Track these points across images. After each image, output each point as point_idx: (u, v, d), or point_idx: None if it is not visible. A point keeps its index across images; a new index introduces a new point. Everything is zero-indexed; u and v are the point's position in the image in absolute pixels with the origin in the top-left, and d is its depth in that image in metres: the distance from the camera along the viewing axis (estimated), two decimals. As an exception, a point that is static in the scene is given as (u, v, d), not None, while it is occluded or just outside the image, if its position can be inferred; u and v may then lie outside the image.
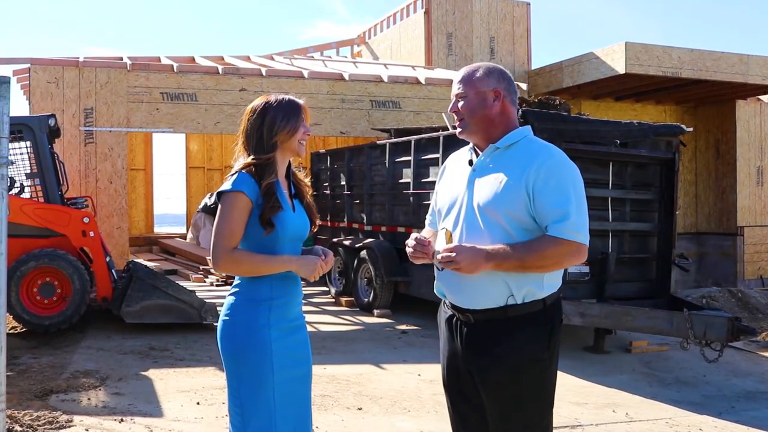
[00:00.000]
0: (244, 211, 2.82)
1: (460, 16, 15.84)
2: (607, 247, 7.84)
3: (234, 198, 2.82)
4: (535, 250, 2.63)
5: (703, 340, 6.71)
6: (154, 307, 8.32)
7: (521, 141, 2.81)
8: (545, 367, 2.76)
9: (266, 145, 2.87)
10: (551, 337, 2.75)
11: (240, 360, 2.88)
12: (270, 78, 12.04)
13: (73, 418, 5.27)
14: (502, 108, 2.83)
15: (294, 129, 2.91)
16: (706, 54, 13.74)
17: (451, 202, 2.87)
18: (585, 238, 2.68)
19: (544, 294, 2.73)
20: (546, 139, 7.34)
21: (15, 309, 8.04)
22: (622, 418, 5.71)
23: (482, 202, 2.72)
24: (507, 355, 2.71)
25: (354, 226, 11.29)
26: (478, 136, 2.85)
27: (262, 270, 2.85)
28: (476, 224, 2.73)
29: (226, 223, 2.81)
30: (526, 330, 2.71)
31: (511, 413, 2.76)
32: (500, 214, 2.67)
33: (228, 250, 2.81)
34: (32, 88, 10.80)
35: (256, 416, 2.86)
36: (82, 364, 6.98)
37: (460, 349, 2.82)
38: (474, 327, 2.77)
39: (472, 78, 2.83)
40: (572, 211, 2.64)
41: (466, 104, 2.83)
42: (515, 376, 2.72)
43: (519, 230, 2.68)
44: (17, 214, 8.16)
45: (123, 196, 11.26)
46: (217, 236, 2.82)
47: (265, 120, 2.88)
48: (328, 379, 6.58)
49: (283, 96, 2.96)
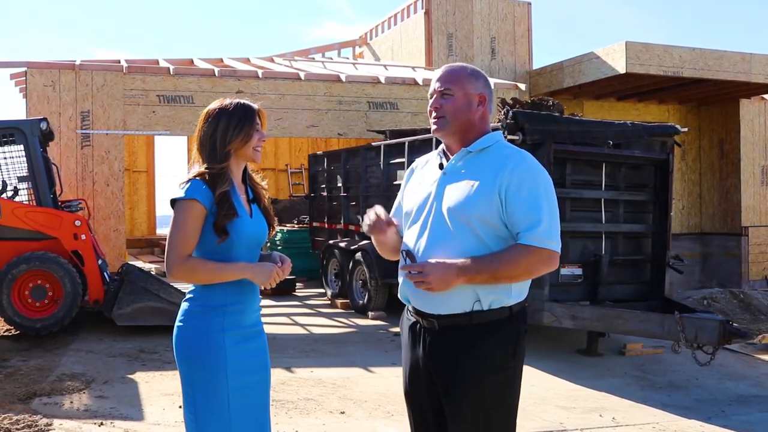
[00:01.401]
0: (197, 219, 2.78)
1: (460, 17, 15.77)
2: (600, 249, 7.77)
3: (187, 206, 2.78)
4: (506, 261, 2.58)
5: (694, 343, 6.63)
6: (146, 310, 8.31)
7: (493, 146, 2.75)
8: (510, 377, 2.71)
9: (219, 154, 2.82)
10: (516, 346, 2.69)
11: (194, 366, 2.85)
12: (266, 80, 12.01)
13: (53, 422, 5.26)
14: (484, 114, 2.78)
15: (248, 136, 2.85)
16: (707, 53, 13.62)
17: (419, 206, 2.80)
18: (557, 246, 2.64)
19: (511, 302, 2.68)
20: (537, 140, 7.39)
21: (6, 312, 8.06)
22: (608, 423, 5.64)
23: (453, 206, 2.66)
24: (471, 363, 2.65)
25: (350, 227, 11.25)
26: (455, 137, 2.78)
27: (216, 278, 2.81)
28: (445, 228, 2.67)
29: (180, 232, 2.78)
30: (491, 338, 2.65)
31: (474, 423, 2.69)
32: (472, 219, 2.62)
33: (182, 259, 2.77)
34: (29, 91, 10.81)
35: (211, 423, 2.82)
36: (69, 366, 6.97)
37: (422, 357, 2.76)
38: (438, 334, 2.71)
39: (460, 77, 2.76)
40: (544, 218, 2.60)
41: (452, 104, 2.74)
42: (479, 384, 2.66)
43: (490, 236, 2.63)
44: (9, 217, 8.20)
45: (120, 198, 11.25)
46: (170, 245, 2.78)
47: (218, 128, 2.82)
48: (314, 383, 6.54)
49: (237, 101, 2.90)
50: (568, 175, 7.62)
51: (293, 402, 5.93)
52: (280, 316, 10.05)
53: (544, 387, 6.61)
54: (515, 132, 7.17)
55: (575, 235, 7.70)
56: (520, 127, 7.19)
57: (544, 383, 6.75)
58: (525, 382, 6.69)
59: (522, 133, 7.17)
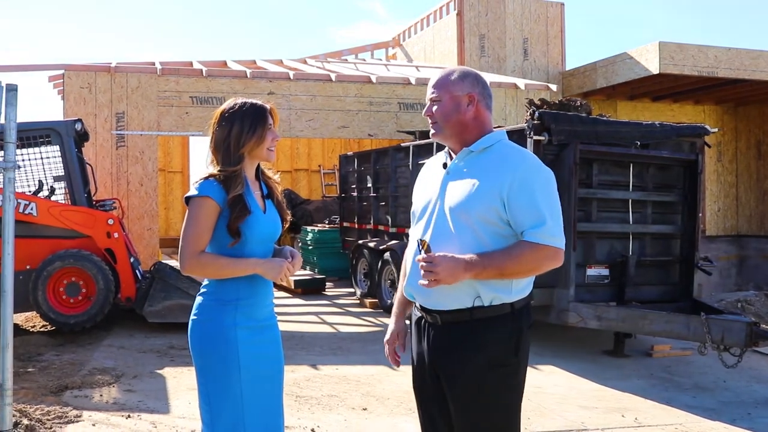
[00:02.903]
0: (211, 216, 2.86)
1: (493, 18, 15.77)
2: (627, 250, 7.73)
3: (201, 203, 2.86)
4: (512, 257, 2.62)
5: (721, 344, 6.57)
6: (176, 307, 8.46)
7: (495, 145, 2.79)
8: (512, 373, 2.72)
9: (233, 157, 2.89)
10: (519, 342, 2.71)
11: (208, 359, 2.93)
12: (298, 81, 12.15)
13: (82, 413, 5.41)
14: (476, 112, 2.80)
15: (261, 138, 2.92)
16: (743, 53, 13.45)
17: (424, 205, 2.86)
18: (561, 243, 2.67)
19: (512, 298, 2.71)
20: (563, 140, 7.36)
21: (42, 308, 8.26)
22: (630, 423, 5.62)
23: (454, 205, 2.71)
24: (472, 358, 2.69)
25: (379, 227, 11.32)
26: (452, 139, 2.84)
27: (228, 273, 2.89)
28: (447, 227, 2.72)
29: (193, 228, 2.85)
30: (492, 333, 2.69)
31: (476, 418, 2.72)
32: (472, 218, 2.66)
33: (194, 254, 2.85)
34: (66, 93, 11.08)
35: (224, 414, 2.91)
36: (101, 361, 7.14)
37: (427, 351, 2.82)
38: (440, 329, 2.77)
39: (446, 82, 2.82)
40: (547, 216, 2.63)
41: (440, 108, 2.81)
42: (480, 379, 2.69)
43: (490, 234, 2.67)
44: (45, 216, 8.41)
45: (153, 198, 11.46)
46: (184, 240, 2.86)
47: (231, 132, 2.89)
48: (338, 380, 6.61)
49: (249, 102, 2.96)
50: (595, 176, 7.60)
51: (316, 398, 6.01)
52: (309, 315, 10.16)
53: (568, 387, 6.60)
54: (541, 133, 7.17)
55: (602, 236, 7.68)
56: (545, 127, 7.19)
57: (568, 383, 6.74)
58: (548, 381, 6.70)
59: (548, 134, 7.17)
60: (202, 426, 3.00)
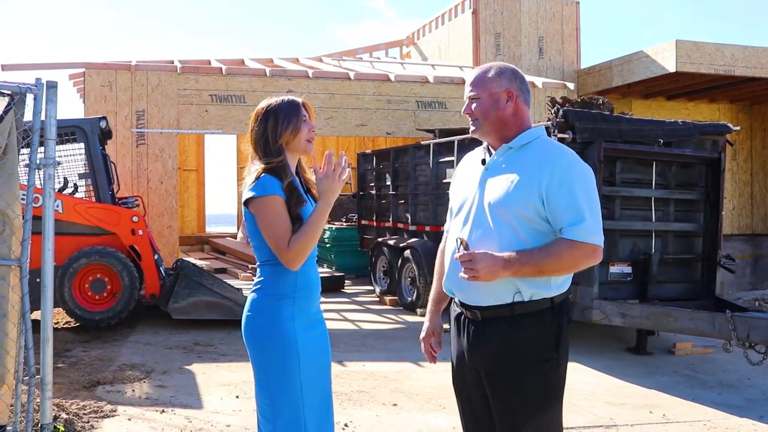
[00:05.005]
0: (285, 209, 2.90)
1: (508, 16, 15.79)
2: (650, 248, 7.76)
3: (272, 200, 2.89)
4: (551, 255, 2.63)
5: (746, 342, 6.59)
6: (200, 304, 8.53)
7: (534, 141, 2.80)
8: (553, 368, 2.72)
9: (273, 149, 2.96)
10: (559, 337, 2.72)
11: (267, 353, 2.97)
12: (316, 79, 12.21)
13: (117, 408, 5.48)
14: (515, 108, 2.82)
15: (297, 129, 2.98)
16: (760, 51, 13.44)
17: (462, 201, 2.88)
18: (600, 240, 2.68)
19: (552, 293, 2.72)
20: (587, 138, 7.40)
21: (68, 304, 8.34)
22: (658, 419, 5.66)
23: (493, 201, 2.73)
24: (512, 353, 2.71)
25: (399, 225, 11.37)
26: (492, 136, 2.86)
27: (318, 232, 2.90)
28: (486, 223, 2.74)
29: (278, 227, 2.87)
30: (532, 328, 2.70)
31: (517, 414, 2.72)
32: (510, 214, 2.68)
33: (291, 249, 2.86)
34: (87, 91, 11.16)
35: (286, 406, 2.95)
36: (129, 357, 7.21)
37: (467, 347, 2.83)
38: (480, 324, 2.78)
39: (484, 79, 2.84)
40: (587, 214, 2.64)
41: (479, 106, 2.83)
42: (521, 375, 2.70)
43: (528, 231, 2.68)
44: (70, 213, 8.48)
45: (173, 195, 11.55)
46: (278, 238, 2.86)
47: (267, 125, 2.97)
48: (366, 376, 6.67)
49: (282, 98, 3.04)
50: (618, 174, 7.62)
51: (346, 394, 6.07)
52: (329, 312, 10.21)
53: (593, 383, 6.64)
54: (565, 130, 7.20)
55: (625, 234, 7.70)
56: (570, 125, 7.22)
57: (592, 380, 6.77)
58: (574, 378, 6.72)
59: (572, 132, 7.20)
60: (260, 420, 3.02)
